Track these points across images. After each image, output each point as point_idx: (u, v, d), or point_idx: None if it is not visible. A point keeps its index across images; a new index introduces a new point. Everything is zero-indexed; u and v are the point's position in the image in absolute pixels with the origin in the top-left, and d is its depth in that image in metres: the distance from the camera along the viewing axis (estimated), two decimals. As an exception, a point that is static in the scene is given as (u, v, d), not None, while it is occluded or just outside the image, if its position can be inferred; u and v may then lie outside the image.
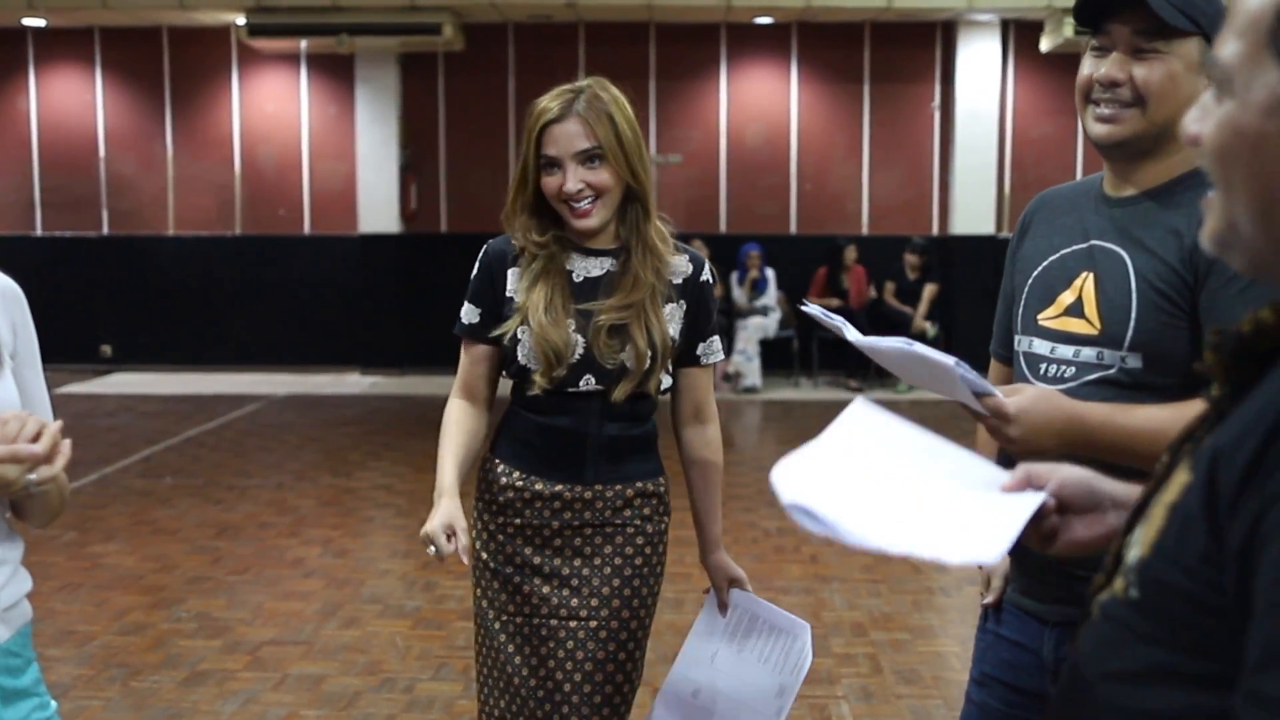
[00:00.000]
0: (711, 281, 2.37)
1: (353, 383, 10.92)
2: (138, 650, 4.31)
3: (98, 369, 11.37)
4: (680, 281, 2.31)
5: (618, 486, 2.29)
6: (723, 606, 2.39)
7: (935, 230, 11.33)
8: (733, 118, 11.36)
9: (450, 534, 2.13)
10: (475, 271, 2.35)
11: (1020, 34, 11.03)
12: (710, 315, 2.36)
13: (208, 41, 11.34)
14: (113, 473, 7.15)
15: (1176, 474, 0.89)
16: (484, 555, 2.33)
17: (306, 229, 11.56)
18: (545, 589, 2.27)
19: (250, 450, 7.95)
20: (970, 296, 10.89)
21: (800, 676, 2.31)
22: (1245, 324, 0.89)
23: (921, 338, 9.48)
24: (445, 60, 11.30)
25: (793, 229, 11.31)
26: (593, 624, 2.26)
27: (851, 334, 1.67)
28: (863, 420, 1.26)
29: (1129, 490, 1.21)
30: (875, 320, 10.43)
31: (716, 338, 2.38)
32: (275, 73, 11.41)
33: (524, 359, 2.27)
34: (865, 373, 10.54)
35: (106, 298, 11.51)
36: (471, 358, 2.38)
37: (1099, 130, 1.75)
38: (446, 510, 2.17)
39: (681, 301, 2.31)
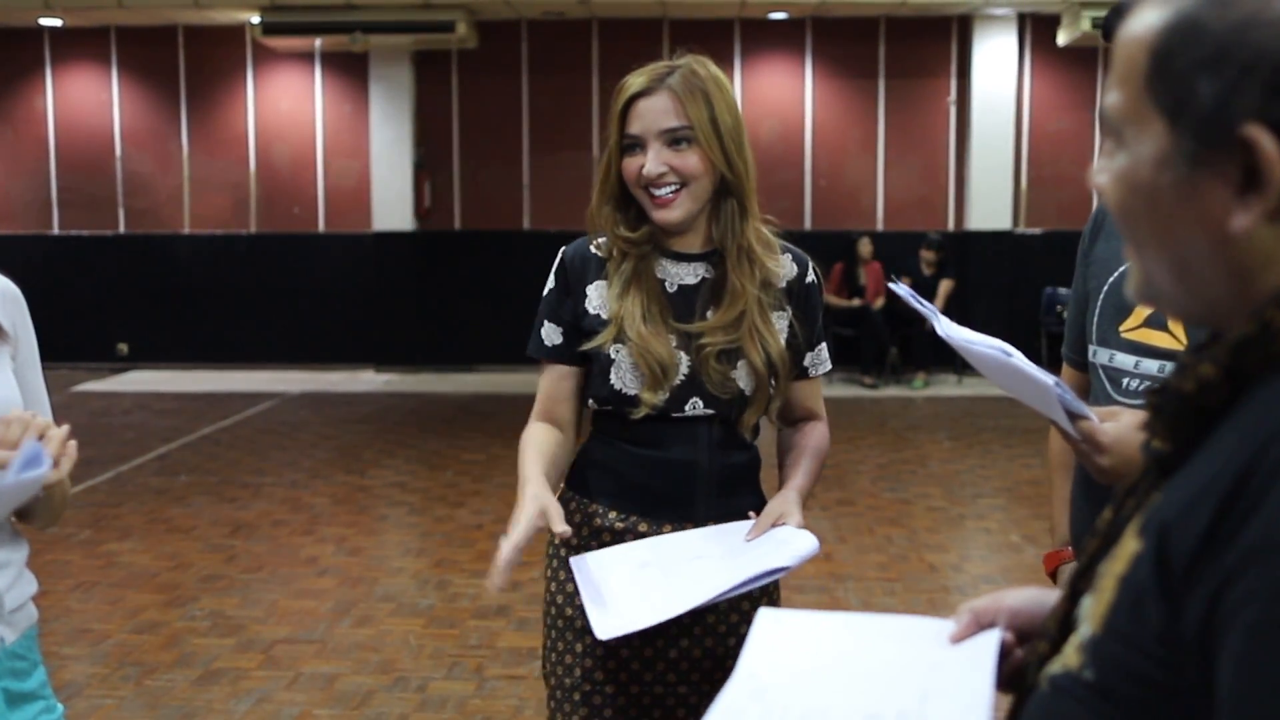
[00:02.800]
0: (818, 283, 2.08)
1: (367, 380, 10.93)
2: (152, 649, 4.31)
3: (114, 367, 11.41)
4: (784, 285, 2.02)
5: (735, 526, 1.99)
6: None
7: (951, 226, 11.27)
8: (747, 113, 11.28)
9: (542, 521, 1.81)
10: (551, 283, 2.05)
11: (1037, 28, 10.96)
12: (816, 321, 2.06)
13: (223, 40, 11.36)
14: (128, 470, 7.17)
15: (1125, 540, 0.84)
16: (568, 611, 2.01)
17: (321, 227, 11.58)
18: (647, 651, 1.97)
19: (265, 448, 7.96)
20: (986, 292, 10.84)
21: (778, 564, 1.83)
22: (1188, 381, 0.84)
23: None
24: (459, 58, 11.29)
25: (807, 224, 11.28)
26: (694, 700, 1.99)
27: (943, 327, 1.52)
28: (774, 631, 1.14)
29: None
30: (890, 316, 10.40)
31: (824, 345, 2.10)
32: (290, 71, 11.43)
33: (618, 380, 1.97)
34: (880, 369, 10.50)
35: (122, 296, 11.54)
36: (553, 378, 2.06)
37: None
38: (533, 495, 1.84)
39: (787, 308, 2.02)
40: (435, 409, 9.48)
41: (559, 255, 2.07)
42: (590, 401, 2.03)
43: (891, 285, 1.68)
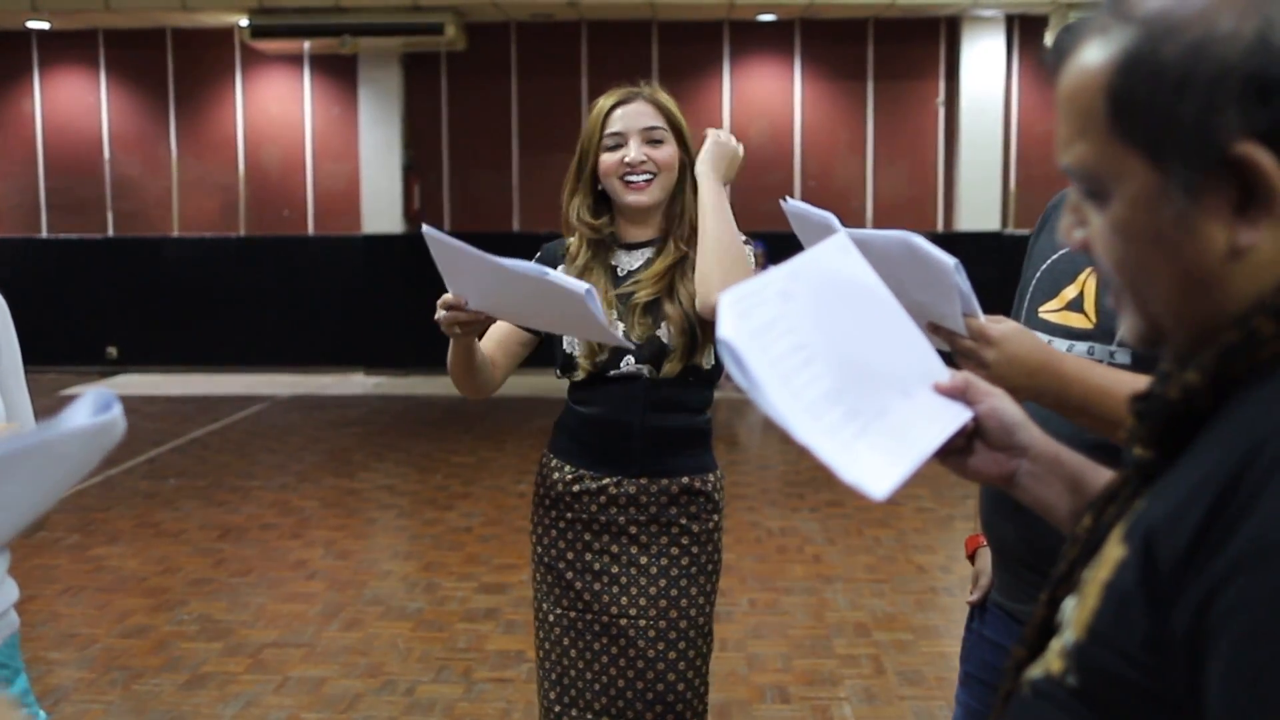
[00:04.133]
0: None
1: (356, 383, 10.92)
2: (139, 653, 4.30)
3: (103, 370, 11.38)
4: None
5: (664, 481, 2.26)
6: None
7: (940, 227, 11.30)
8: (736, 115, 11.33)
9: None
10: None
11: (1025, 29, 10.99)
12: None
13: (211, 43, 11.35)
14: (117, 474, 7.15)
15: (1109, 546, 0.84)
16: (539, 550, 2.35)
17: (310, 230, 11.57)
18: (596, 585, 2.28)
19: (254, 451, 7.95)
20: (975, 293, 10.85)
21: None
22: (1172, 389, 0.84)
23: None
24: (448, 60, 11.30)
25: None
26: (641, 622, 2.26)
27: (840, 226, 1.48)
28: (834, 258, 1.19)
29: (1046, 444, 1.15)
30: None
31: None
32: (278, 74, 11.42)
33: (568, 345, 2.28)
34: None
35: (112, 300, 11.52)
36: (501, 327, 2.31)
37: None
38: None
39: None
40: (425, 412, 9.48)
41: (540, 249, 2.40)
42: (556, 371, 2.34)
43: (782, 203, 1.68)
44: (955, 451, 1.14)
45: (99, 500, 6.51)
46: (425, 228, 1.92)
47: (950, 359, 1.31)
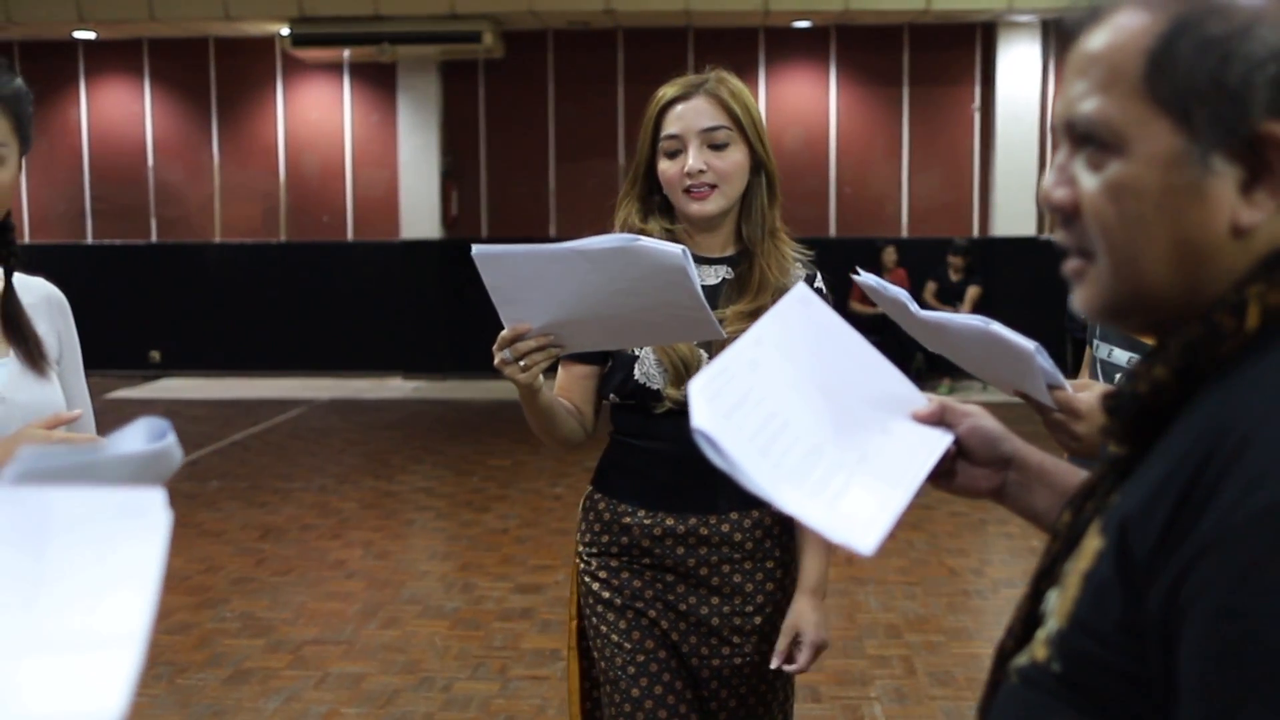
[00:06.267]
0: (825, 293, 2.07)
1: (395, 387, 11.03)
2: (183, 649, 4.40)
3: (147, 374, 11.57)
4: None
5: (755, 513, 2.07)
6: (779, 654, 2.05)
7: (976, 232, 11.28)
8: (771, 121, 11.36)
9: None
10: None
11: (1061, 34, 10.93)
12: None
13: (253, 52, 11.52)
14: (160, 476, 7.28)
15: (1088, 539, 0.87)
16: (605, 594, 2.09)
17: (349, 235, 11.71)
18: (682, 625, 2.07)
19: (294, 454, 8.07)
20: (1011, 298, 10.83)
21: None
22: (1141, 384, 0.87)
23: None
24: (485, 67, 11.40)
25: (832, 232, 11.32)
26: (737, 660, 2.08)
27: (915, 309, 1.51)
28: (795, 312, 1.21)
29: (1030, 453, 1.18)
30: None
31: None
32: (319, 82, 11.57)
33: (642, 375, 2.02)
34: (905, 375, 10.50)
35: (155, 305, 11.70)
36: (570, 376, 2.08)
37: None
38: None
39: None
40: (462, 415, 9.57)
41: None
42: (612, 395, 2.06)
43: (854, 277, 1.66)
44: (944, 473, 1.18)
45: (143, 500, 6.62)
46: (475, 249, 1.68)
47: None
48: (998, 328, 1.43)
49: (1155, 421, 0.87)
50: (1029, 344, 1.42)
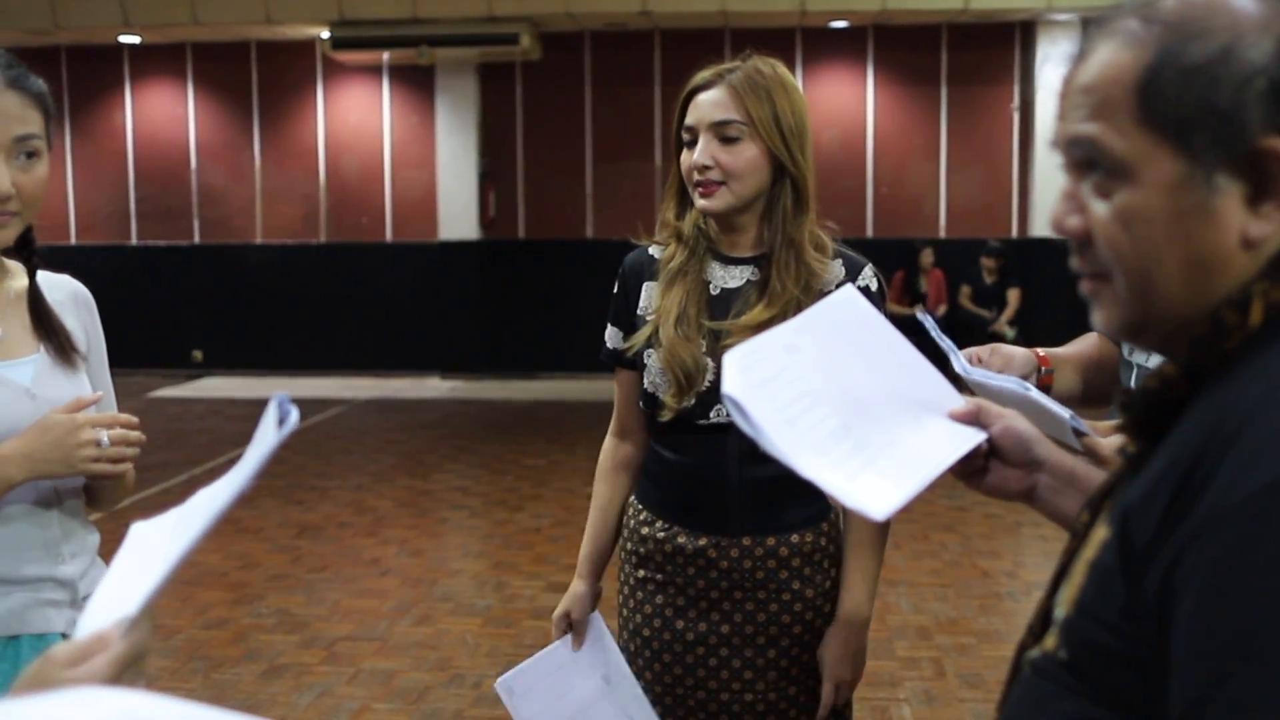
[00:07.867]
0: (877, 289, 1.97)
1: (432, 387, 11.11)
2: (220, 644, 4.47)
3: (189, 373, 11.72)
4: (828, 291, 1.85)
5: (770, 541, 1.95)
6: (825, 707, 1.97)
7: (1015, 233, 11.21)
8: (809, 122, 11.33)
9: (565, 626, 2.06)
10: (615, 289, 2.07)
11: (1101, 33, 10.86)
12: None
13: (293, 55, 11.64)
14: (201, 474, 7.38)
15: (1095, 529, 0.89)
16: (624, 612, 2.07)
17: (388, 237, 11.81)
18: (689, 658, 1.98)
19: (331, 452, 8.15)
20: (1049, 300, 10.75)
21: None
22: (1151, 380, 0.89)
23: (1000, 340, 9.38)
24: (523, 69, 11.46)
25: (869, 232, 11.28)
26: (748, 697, 1.97)
27: (959, 365, 1.52)
28: (841, 309, 1.23)
29: (1062, 458, 1.21)
30: (951, 324, 10.35)
31: None
32: (358, 85, 11.68)
33: (649, 383, 1.97)
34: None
35: (197, 304, 11.86)
36: (621, 385, 2.08)
37: None
38: (568, 596, 2.09)
39: None
40: (498, 415, 9.63)
41: (623, 262, 2.09)
42: (640, 403, 2.02)
43: (919, 317, 1.63)
44: (975, 471, 1.20)
45: (183, 498, 6.68)
46: (499, 682, 1.98)
47: (963, 385, 1.36)
48: (1035, 394, 1.44)
49: (1165, 417, 0.89)
50: (1064, 412, 1.44)
